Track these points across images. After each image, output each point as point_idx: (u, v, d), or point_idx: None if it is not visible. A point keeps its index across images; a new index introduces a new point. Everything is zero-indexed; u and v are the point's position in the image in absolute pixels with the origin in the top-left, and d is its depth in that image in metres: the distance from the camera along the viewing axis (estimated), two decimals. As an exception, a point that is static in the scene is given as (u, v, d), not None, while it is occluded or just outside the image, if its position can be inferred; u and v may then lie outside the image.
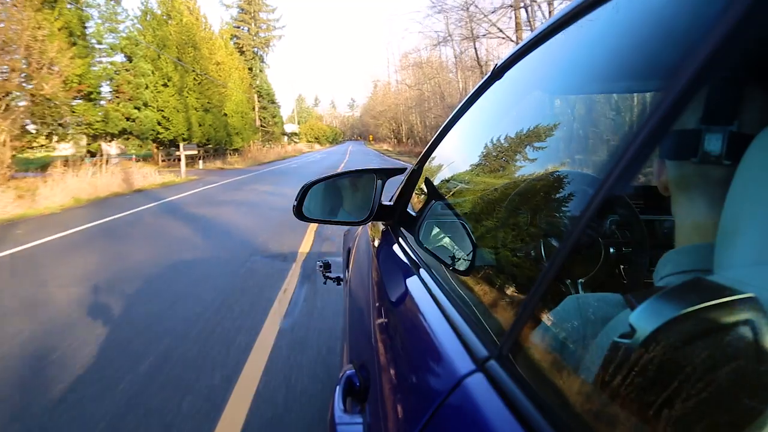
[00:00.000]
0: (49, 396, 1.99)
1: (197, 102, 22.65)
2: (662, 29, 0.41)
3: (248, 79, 34.92)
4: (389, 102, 50.04)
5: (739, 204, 0.32)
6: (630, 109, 0.84)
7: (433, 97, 29.37)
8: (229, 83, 26.50)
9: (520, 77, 0.79)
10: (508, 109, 0.92)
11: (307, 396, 1.96)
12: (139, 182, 11.72)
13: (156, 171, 13.79)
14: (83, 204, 8.77)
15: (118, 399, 1.94)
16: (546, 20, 0.57)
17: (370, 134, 72.16)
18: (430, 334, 0.57)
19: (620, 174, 0.32)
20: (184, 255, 4.53)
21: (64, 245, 5.23)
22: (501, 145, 0.84)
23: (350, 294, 1.27)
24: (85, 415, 1.84)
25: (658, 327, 0.26)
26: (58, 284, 3.66)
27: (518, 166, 0.76)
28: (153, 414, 1.84)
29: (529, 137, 0.73)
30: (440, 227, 0.95)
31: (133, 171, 12.35)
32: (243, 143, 28.80)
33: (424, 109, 32.58)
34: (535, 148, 0.72)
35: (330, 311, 2.92)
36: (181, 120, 21.49)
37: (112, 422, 1.79)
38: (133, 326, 2.76)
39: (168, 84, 21.16)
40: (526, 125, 0.78)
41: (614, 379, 0.29)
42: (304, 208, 1.12)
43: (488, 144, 0.91)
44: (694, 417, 0.24)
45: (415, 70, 31.98)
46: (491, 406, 0.38)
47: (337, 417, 0.61)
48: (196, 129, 22.42)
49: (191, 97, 22.30)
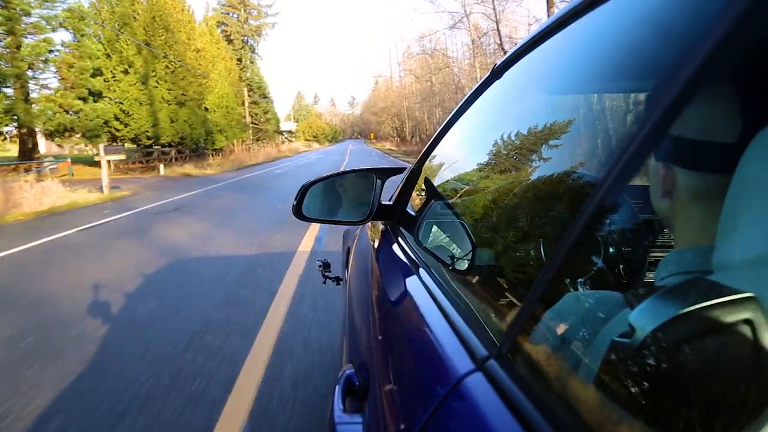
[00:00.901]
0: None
1: (169, 94, 19.05)
2: (662, 29, 0.41)
3: (236, 70, 31.02)
4: (392, 97, 47.64)
5: (739, 204, 0.32)
6: (629, 109, 0.84)
7: (446, 90, 26.93)
8: (212, 74, 23.37)
9: (519, 77, 0.79)
10: (507, 109, 0.92)
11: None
12: (14, 205, 7.72)
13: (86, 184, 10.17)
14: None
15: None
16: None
17: (371, 132, 69.91)
18: (430, 333, 0.57)
19: (619, 173, 0.32)
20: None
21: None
22: (500, 144, 0.84)
23: (350, 294, 1.27)
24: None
25: (658, 326, 0.26)
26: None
27: (518, 165, 0.76)
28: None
29: (529, 137, 0.73)
30: (440, 227, 0.95)
31: (32, 184, 8.72)
32: (227, 142, 25.27)
33: (433, 104, 30.18)
34: (534, 148, 0.72)
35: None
36: (145, 114, 17.80)
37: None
38: None
39: (129, 71, 17.38)
40: (525, 125, 0.78)
41: (614, 378, 0.29)
42: (303, 208, 1.12)
43: (488, 144, 0.91)
44: (694, 416, 0.24)
45: (423, 61, 29.55)
46: (491, 406, 0.38)
47: (337, 417, 0.61)
48: (165, 125, 18.72)
49: (162, 87, 18.68)
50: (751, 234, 0.29)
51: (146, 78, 18.01)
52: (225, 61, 27.13)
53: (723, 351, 0.24)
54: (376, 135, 66.27)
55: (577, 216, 0.36)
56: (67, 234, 5.95)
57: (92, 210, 8.19)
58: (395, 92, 46.21)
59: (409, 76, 33.77)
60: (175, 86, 19.50)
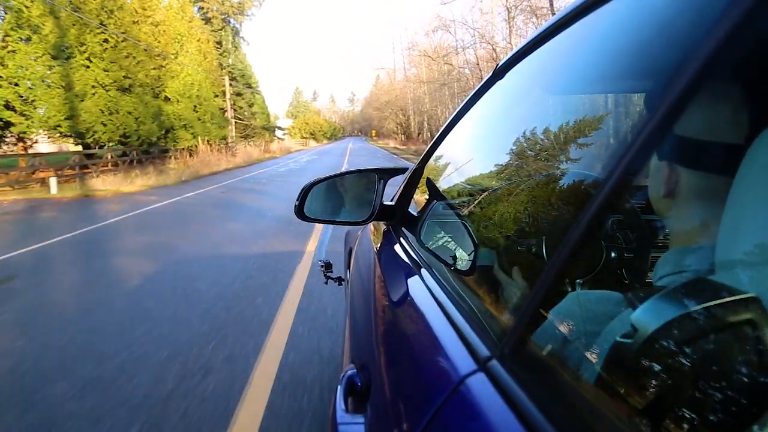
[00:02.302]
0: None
1: (107, 76, 13.67)
2: (664, 29, 0.41)
3: (214, 54, 24.58)
4: (396, 90, 43.15)
5: (740, 205, 0.32)
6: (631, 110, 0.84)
7: (467, 76, 22.42)
8: (181, 56, 18.21)
9: (521, 77, 0.79)
10: (509, 109, 0.92)
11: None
12: None
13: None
14: None
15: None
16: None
17: (372, 129, 66.01)
18: (432, 333, 0.57)
19: (622, 174, 0.32)
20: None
21: None
22: (502, 145, 0.84)
23: (352, 294, 1.27)
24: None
25: (660, 327, 0.26)
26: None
27: (520, 165, 0.76)
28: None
29: (531, 137, 0.73)
30: (442, 227, 0.95)
31: None
32: (194, 141, 18.89)
33: (445, 95, 25.63)
34: (536, 148, 0.72)
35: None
36: (57, 101, 12.35)
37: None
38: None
39: (32, 38, 11.76)
40: (527, 125, 0.78)
41: (616, 378, 0.29)
42: (305, 208, 1.12)
43: (490, 144, 0.91)
44: (695, 416, 0.24)
45: (442, 39, 24.45)
46: (493, 406, 0.38)
47: (339, 417, 0.61)
48: (94, 117, 13.35)
49: (96, 67, 13.37)
50: (753, 234, 0.29)
51: (61, 50, 12.39)
52: (200, 42, 21.24)
53: (725, 351, 0.24)
54: (378, 132, 62.52)
55: (580, 216, 0.36)
56: None
57: None
58: (401, 83, 42.26)
59: (426, 55, 28.00)
60: (116, 66, 13.98)
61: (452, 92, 25.90)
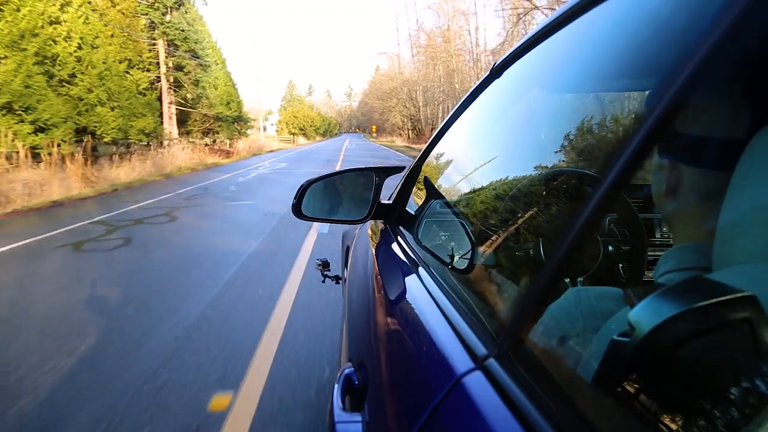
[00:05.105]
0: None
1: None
2: (661, 27, 0.41)
3: (133, 4, 14.52)
4: (403, 76, 35.13)
5: (738, 203, 0.32)
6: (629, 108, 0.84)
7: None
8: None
9: (519, 76, 0.79)
10: (507, 108, 0.92)
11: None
12: None
13: None
14: None
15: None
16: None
17: (372, 125, 55.76)
18: (429, 332, 0.57)
19: (619, 172, 0.32)
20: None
21: None
22: (500, 143, 0.84)
23: (349, 293, 1.27)
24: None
25: (658, 325, 0.26)
26: None
27: (517, 164, 0.76)
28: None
29: (528, 135, 0.73)
30: (439, 226, 0.95)
31: None
32: (61, 135, 8.82)
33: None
34: (534, 146, 0.72)
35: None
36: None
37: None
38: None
39: None
40: (525, 123, 0.78)
41: (614, 377, 0.29)
42: (303, 207, 1.12)
43: (487, 142, 0.91)
44: (694, 415, 0.24)
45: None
46: (490, 405, 0.38)
47: (336, 415, 0.61)
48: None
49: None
50: (751, 232, 0.29)
51: None
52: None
53: (722, 350, 0.24)
54: (378, 128, 53.25)
55: (577, 214, 0.36)
56: None
57: None
58: (408, 65, 35.08)
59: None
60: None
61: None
